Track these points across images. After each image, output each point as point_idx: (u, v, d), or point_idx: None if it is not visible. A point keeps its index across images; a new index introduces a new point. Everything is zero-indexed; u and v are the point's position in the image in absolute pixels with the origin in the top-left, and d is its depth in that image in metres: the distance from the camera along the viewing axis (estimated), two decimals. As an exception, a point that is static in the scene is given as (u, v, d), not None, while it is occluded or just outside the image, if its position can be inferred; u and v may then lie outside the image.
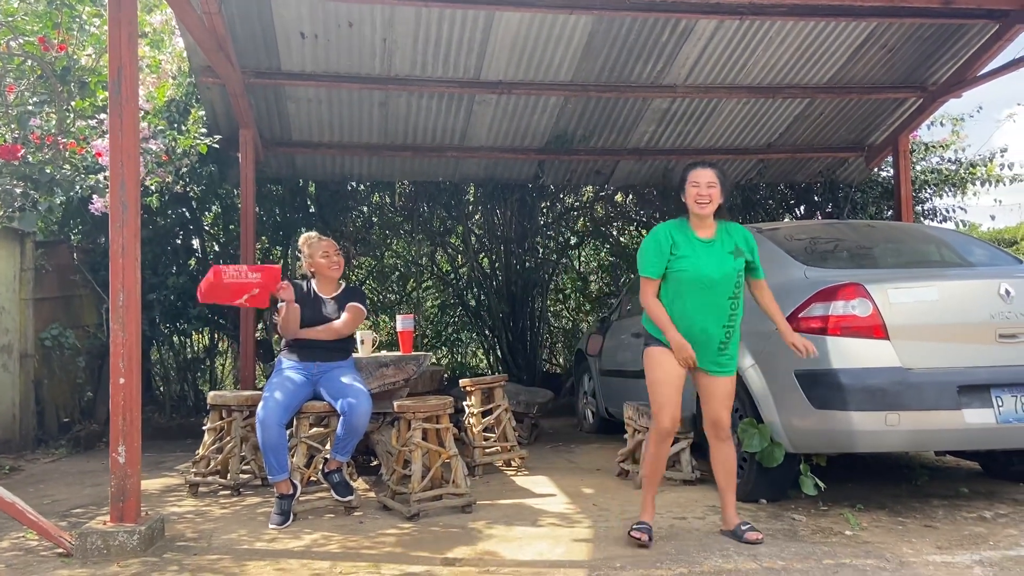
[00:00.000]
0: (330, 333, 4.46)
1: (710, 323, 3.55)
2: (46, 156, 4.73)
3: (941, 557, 3.29)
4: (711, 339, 3.56)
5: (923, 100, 7.73)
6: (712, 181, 3.56)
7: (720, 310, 3.55)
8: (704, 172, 3.59)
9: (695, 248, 3.57)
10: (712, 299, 3.53)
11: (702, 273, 3.52)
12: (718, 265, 3.54)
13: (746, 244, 3.64)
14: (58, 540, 3.57)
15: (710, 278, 3.51)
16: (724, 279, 3.53)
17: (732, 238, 3.63)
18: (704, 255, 3.55)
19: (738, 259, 3.58)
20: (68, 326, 7.22)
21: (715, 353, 3.59)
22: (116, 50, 3.67)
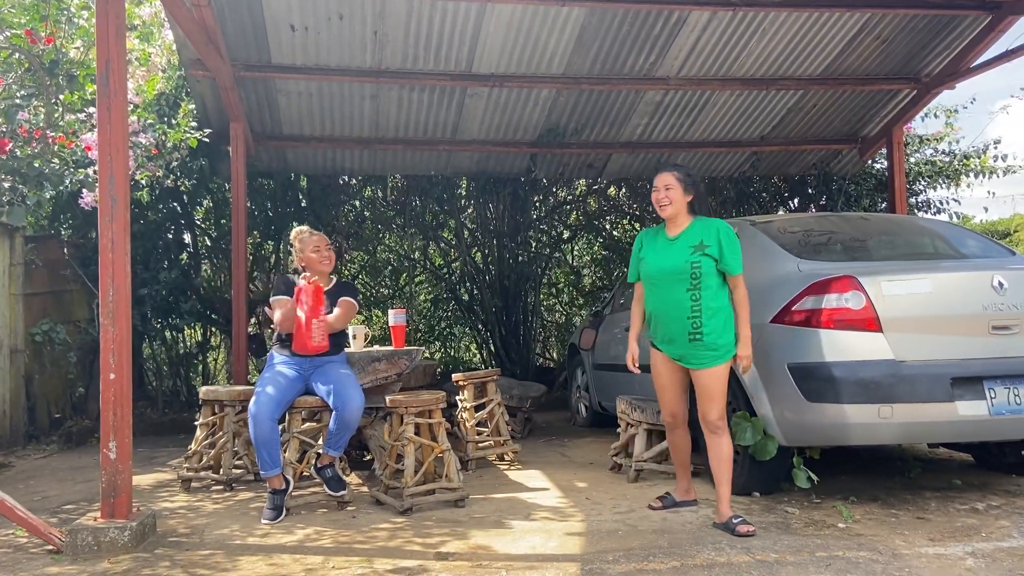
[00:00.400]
0: (324, 327, 4.43)
1: (672, 316, 3.72)
2: (35, 150, 4.67)
3: (934, 549, 3.30)
4: (679, 332, 3.71)
5: (917, 91, 7.73)
6: (669, 184, 3.74)
7: (679, 303, 3.68)
8: (663, 176, 3.78)
9: (659, 246, 3.81)
10: (669, 293, 3.71)
11: (655, 268, 3.76)
12: (671, 259, 3.71)
13: (715, 239, 3.68)
14: (48, 537, 3.55)
15: (662, 271, 3.72)
16: (677, 272, 3.68)
17: (700, 234, 3.72)
18: (663, 252, 3.76)
19: (696, 253, 3.66)
20: (59, 321, 7.18)
21: (687, 346, 3.69)
22: (104, 43, 3.63)
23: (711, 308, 3.65)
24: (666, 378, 3.88)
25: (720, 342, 3.66)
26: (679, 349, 3.74)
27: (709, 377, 3.69)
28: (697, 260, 3.65)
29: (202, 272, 8.53)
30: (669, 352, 3.80)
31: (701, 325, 3.65)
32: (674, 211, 3.75)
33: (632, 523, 3.81)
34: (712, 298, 3.66)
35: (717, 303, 3.67)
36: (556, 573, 3.09)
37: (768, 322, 4.12)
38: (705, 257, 3.66)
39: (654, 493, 4.40)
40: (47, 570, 3.30)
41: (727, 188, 9.48)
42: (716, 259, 3.67)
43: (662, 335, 3.80)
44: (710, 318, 3.65)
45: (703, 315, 3.65)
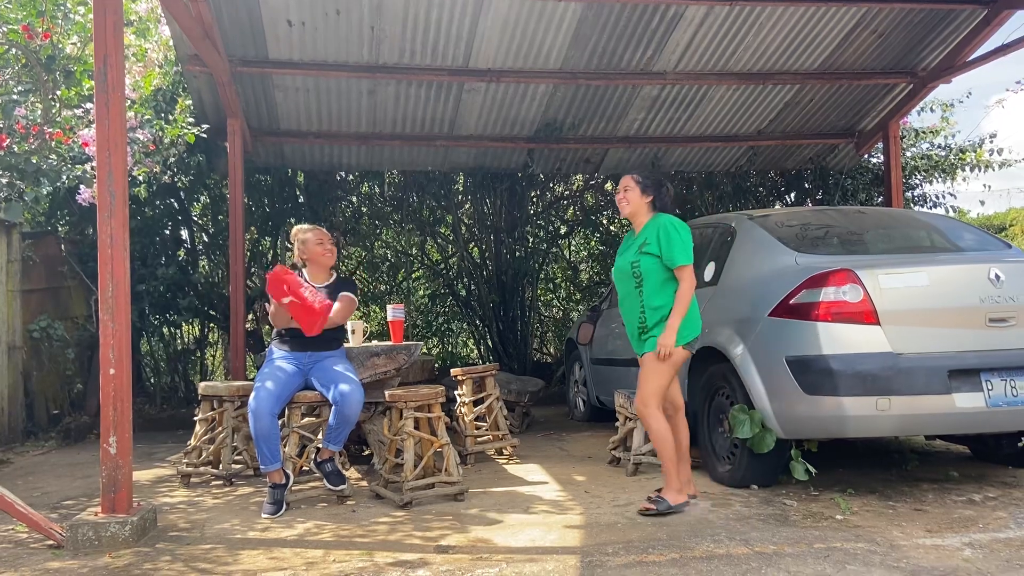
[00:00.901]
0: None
1: (626, 313, 3.96)
2: (32, 146, 4.67)
3: (931, 540, 3.32)
4: (632, 328, 3.94)
5: (913, 86, 7.75)
6: (627, 185, 3.94)
7: (631, 300, 3.90)
8: (623, 179, 3.99)
9: (623, 247, 4.03)
10: (622, 290, 3.96)
11: (615, 268, 4.03)
12: (622, 260, 3.94)
13: (654, 235, 3.81)
14: (48, 532, 3.55)
15: (616, 271, 3.99)
16: (625, 271, 3.90)
17: (647, 232, 3.87)
18: (622, 252, 4.00)
19: (639, 253, 3.82)
20: (57, 318, 7.17)
21: (638, 340, 3.92)
22: (101, 38, 3.62)
23: (653, 306, 3.80)
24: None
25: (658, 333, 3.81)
26: (634, 344, 3.97)
27: (643, 362, 3.87)
28: (637, 260, 3.83)
29: (200, 268, 8.53)
30: (632, 345, 4.02)
31: (646, 321, 3.83)
32: (632, 211, 3.93)
33: (631, 516, 3.83)
34: (654, 296, 3.80)
35: (659, 301, 3.80)
36: (556, 565, 3.10)
37: (766, 315, 4.13)
38: (645, 256, 3.80)
39: (653, 486, 4.42)
40: (48, 565, 3.31)
41: (724, 183, 9.49)
42: (658, 256, 3.78)
43: (627, 330, 4.03)
44: (653, 314, 3.80)
45: (647, 312, 3.82)
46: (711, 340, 4.54)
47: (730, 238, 4.88)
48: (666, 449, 3.83)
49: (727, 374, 4.38)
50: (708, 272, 4.94)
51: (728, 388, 4.39)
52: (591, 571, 3.02)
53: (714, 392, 4.58)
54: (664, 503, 3.77)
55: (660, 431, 3.83)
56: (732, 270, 4.71)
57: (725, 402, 4.44)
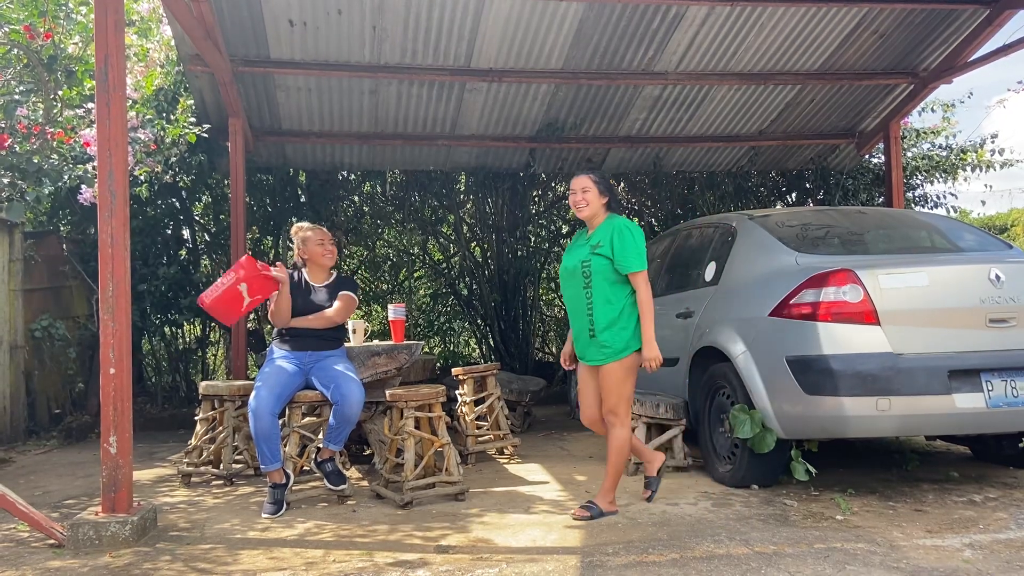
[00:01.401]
0: (322, 321, 4.45)
1: (573, 314, 3.86)
2: (33, 146, 4.68)
3: (931, 541, 3.32)
4: (580, 329, 3.83)
5: (914, 86, 7.74)
6: (586, 186, 3.81)
7: (578, 301, 3.80)
8: (579, 179, 3.85)
9: (574, 246, 3.92)
10: (570, 291, 3.85)
11: (562, 267, 3.92)
12: (572, 259, 3.84)
13: (607, 237, 3.73)
14: (49, 531, 3.56)
15: (563, 269, 3.89)
16: (573, 270, 3.80)
17: (601, 233, 3.78)
18: (572, 251, 3.89)
19: (590, 253, 3.74)
20: (58, 317, 7.18)
21: (587, 342, 3.80)
22: (102, 38, 3.63)
23: (602, 307, 3.71)
24: (583, 375, 3.96)
25: (611, 341, 3.72)
26: (581, 346, 3.86)
27: (604, 373, 3.77)
28: (588, 259, 3.74)
29: (201, 267, 8.53)
30: (576, 349, 3.93)
31: (595, 323, 3.74)
32: (591, 212, 3.83)
33: (631, 515, 3.83)
34: (603, 297, 3.71)
35: (609, 302, 3.71)
36: (556, 565, 3.10)
37: (766, 315, 4.14)
38: (596, 256, 3.72)
39: (653, 486, 4.42)
40: (49, 564, 3.31)
41: (725, 183, 9.49)
42: (610, 259, 3.70)
43: (573, 332, 3.92)
44: (602, 316, 3.71)
45: (595, 314, 3.73)
46: (712, 340, 4.55)
47: (731, 238, 4.88)
48: (624, 460, 3.83)
49: (728, 374, 4.38)
50: (709, 272, 4.94)
51: (729, 388, 4.40)
52: (591, 571, 3.02)
53: (714, 392, 4.58)
54: (597, 509, 3.78)
55: (626, 440, 3.80)
56: (733, 270, 4.71)
57: (726, 402, 4.44)
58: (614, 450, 3.80)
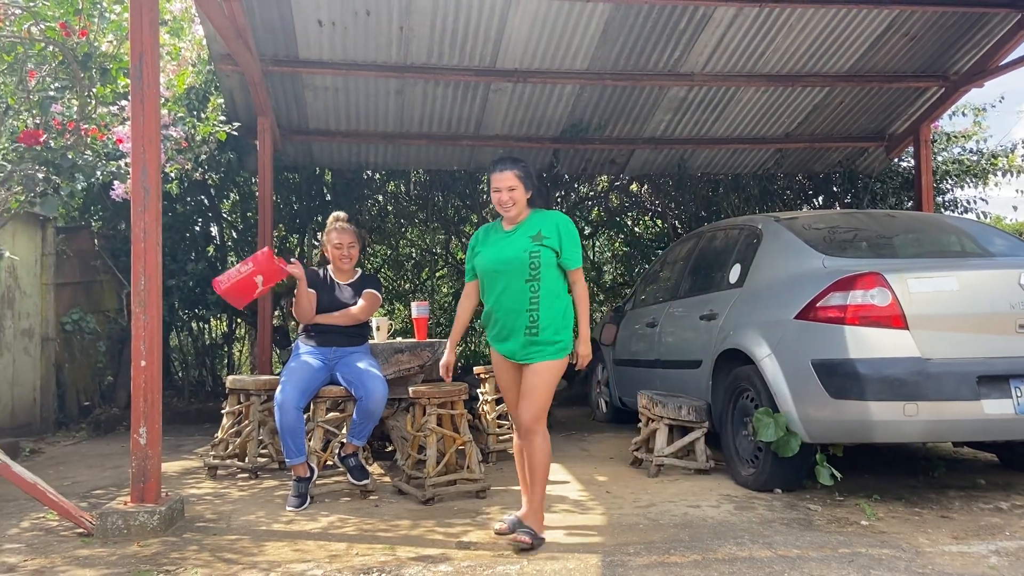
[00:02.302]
0: (347, 319, 4.49)
1: (511, 310, 3.46)
2: (68, 142, 4.75)
3: (957, 547, 3.28)
4: (517, 326, 3.45)
5: (945, 89, 7.66)
6: (512, 185, 3.49)
7: (518, 295, 3.44)
8: (503, 177, 3.50)
9: (494, 240, 3.58)
10: (507, 284, 3.46)
11: (492, 260, 3.52)
12: (509, 250, 3.48)
13: (554, 230, 3.47)
14: (79, 520, 3.62)
15: (499, 262, 3.49)
16: (514, 262, 3.45)
17: (538, 225, 3.50)
18: (499, 244, 3.54)
19: (535, 243, 3.44)
20: (89, 311, 7.31)
21: (523, 341, 3.44)
22: (137, 36, 3.69)
23: (549, 301, 3.43)
24: (507, 379, 3.60)
25: (557, 338, 3.43)
26: (514, 345, 3.47)
27: (538, 373, 3.42)
28: (536, 250, 3.43)
29: (228, 264, 8.63)
30: (503, 350, 3.53)
31: (539, 319, 3.42)
32: (518, 211, 3.53)
33: (653, 517, 3.82)
34: (550, 290, 3.44)
35: (556, 296, 3.46)
36: (577, 564, 3.11)
37: (792, 318, 4.11)
38: (544, 248, 3.43)
39: (675, 488, 4.42)
40: (78, 552, 3.37)
41: (751, 185, 9.44)
42: (556, 251, 3.45)
43: (499, 332, 3.53)
44: (548, 310, 3.43)
45: (541, 308, 3.42)
46: (736, 342, 4.53)
47: (756, 240, 4.86)
48: (547, 472, 3.49)
49: (752, 376, 4.36)
50: (733, 274, 4.93)
51: (752, 391, 4.38)
52: (613, 570, 3.03)
53: (738, 394, 4.56)
54: (536, 536, 3.37)
55: (547, 452, 3.46)
56: (758, 272, 4.69)
57: (749, 405, 4.42)
58: (540, 466, 3.44)
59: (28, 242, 6.66)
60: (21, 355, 6.54)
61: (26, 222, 6.56)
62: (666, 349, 5.68)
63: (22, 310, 6.57)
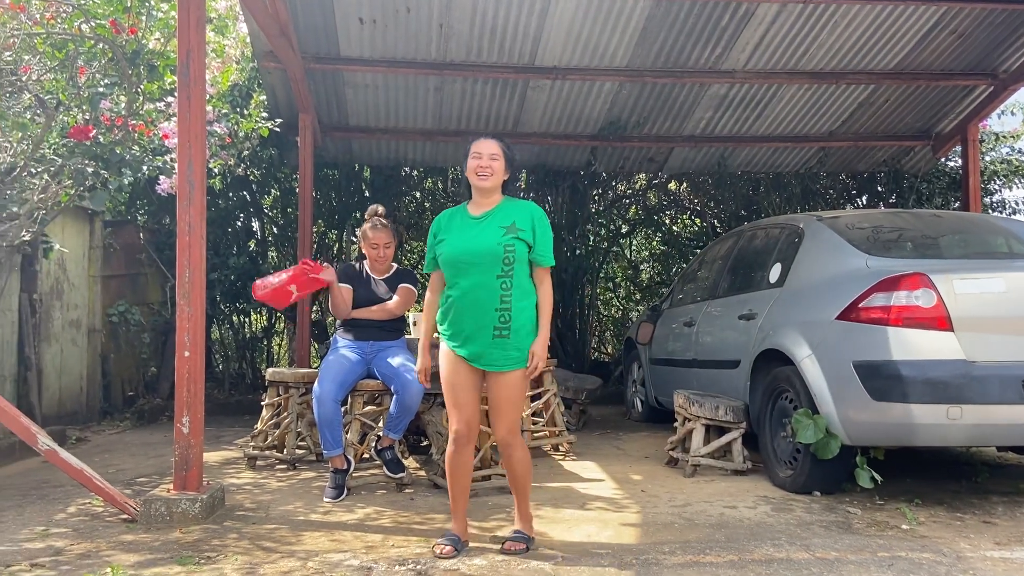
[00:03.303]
0: (383, 313, 4.53)
1: (478, 307, 3.13)
2: (116, 137, 4.87)
3: (1000, 553, 3.21)
4: (482, 325, 3.13)
5: (994, 88, 7.49)
6: (495, 153, 3.21)
7: (487, 291, 3.11)
8: (487, 143, 3.22)
9: (460, 226, 3.24)
10: (476, 279, 3.13)
11: (459, 250, 3.17)
12: (480, 238, 3.15)
13: (528, 222, 3.19)
14: (124, 506, 3.71)
15: (468, 253, 3.14)
16: (487, 254, 3.11)
17: (512, 214, 3.21)
18: (468, 232, 3.20)
19: (509, 235, 3.13)
20: (134, 303, 7.48)
21: (489, 343, 3.13)
22: (185, 34, 3.77)
23: (521, 300, 3.15)
24: (460, 379, 3.23)
25: (526, 343, 3.16)
26: (478, 347, 3.15)
27: (510, 383, 3.17)
28: (511, 243, 3.12)
29: (269, 259, 8.77)
30: (463, 352, 3.18)
31: (510, 319, 3.11)
32: (494, 184, 3.21)
33: (689, 516, 3.80)
34: (522, 288, 3.16)
35: (528, 294, 3.18)
36: (612, 561, 3.11)
37: (833, 319, 4.05)
38: (518, 241, 3.14)
39: (712, 489, 4.39)
40: (122, 538, 3.45)
41: (792, 184, 9.32)
42: (529, 245, 3.17)
43: (459, 330, 3.19)
44: (520, 312, 3.14)
45: (513, 307, 3.12)
46: (775, 342, 4.48)
47: (798, 239, 4.80)
48: (530, 480, 3.34)
49: (791, 377, 4.31)
50: (774, 274, 4.87)
51: (792, 391, 4.32)
52: (647, 569, 3.02)
53: (777, 395, 4.51)
54: (527, 537, 3.28)
55: (528, 460, 3.29)
56: (799, 272, 4.63)
57: (788, 406, 4.37)
58: (522, 475, 3.27)
59: (77, 235, 6.83)
60: (69, 345, 6.72)
61: (75, 216, 6.73)
62: (703, 349, 5.63)
63: (70, 301, 6.74)
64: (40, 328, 6.18)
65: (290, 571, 2.99)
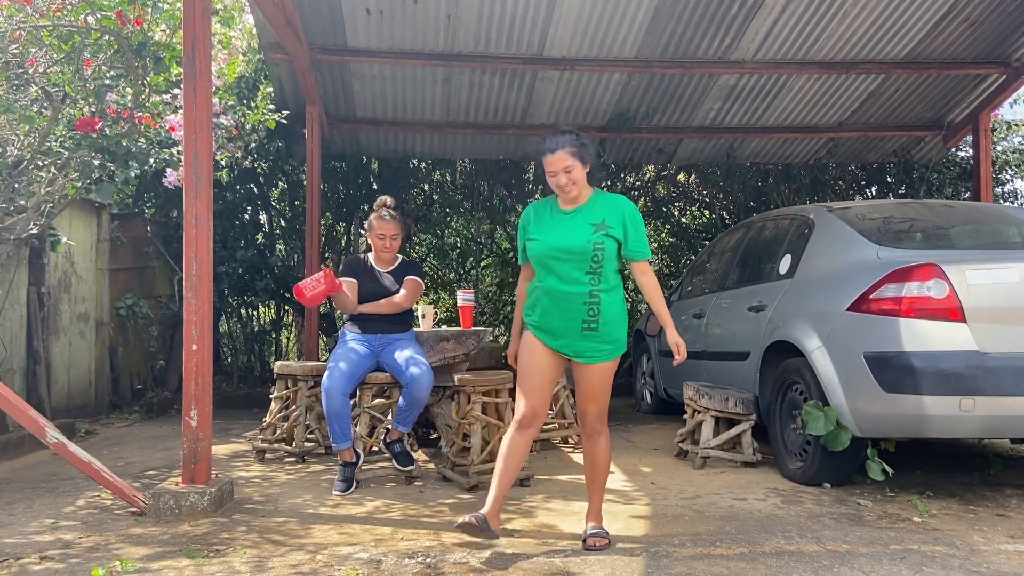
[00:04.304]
0: (391, 307, 4.51)
1: (567, 303, 3.18)
2: (122, 129, 4.85)
3: (1014, 546, 3.18)
4: (571, 320, 3.18)
5: (1006, 77, 7.40)
6: (568, 165, 3.15)
7: (576, 286, 3.16)
8: (557, 157, 3.15)
9: (551, 221, 3.26)
10: (565, 276, 3.17)
11: (549, 245, 3.20)
12: (570, 236, 3.17)
13: (619, 220, 3.19)
14: (132, 499, 3.71)
15: (558, 250, 3.17)
16: (577, 251, 3.14)
17: (602, 211, 3.21)
18: (557, 227, 3.23)
19: (599, 233, 3.15)
20: (141, 296, 7.49)
21: (579, 336, 3.19)
22: (190, 25, 3.75)
23: (610, 295, 3.19)
24: (538, 363, 3.26)
25: (615, 335, 3.22)
26: (568, 340, 3.22)
27: (600, 374, 3.23)
28: (600, 241, 3.14)
29: (277, 252, 8.77)
30: (553, 344, 3.25)
31: (599, 314, 3.16)
32: (579, 191, 3.21)
33: (699, 509, 3.78)
34: (610, 284, 3.19)
35: (615, 289, 3.22)
36: (622, 554, 3.09)
37: (844, 310, 4.02)
38: (608, 239, 3.16)
39: (721, 481, 4.37)
40: (131, 530, 3.46)
41: (802, 175, 9.25)
42: (619, 242, 3.19)
43: (547, 323, 3.24)
44: (609, 306, 3.18)
45: (602, 302, 3.17)
46: (785, 334, 4.45)
47: (808, 230, 4.76)
48: (608, 471, 3.36)
49: (801, 369, 4.28)
50: (784, 265, 4.83)
51: (802, 383, 4.29)
52: (658, 561, 3.00)
53: (787, 387, 4.48)
54: (608, 535, 3.25)
55: (610, 451, 3.33)
56: (809, 263, 4.60)
57: (798, 397, 4.34)
58: (604, 464, 3.30)
59: (84, 228, 6.84)
60: (77, 339, 6.73)
61: (82, 209, 6.73)
62: (713, 340, 5.60)
63: (78, 294, 6.75)
64: (48, 321, 6.19)
65: (299, 564, 2.98)
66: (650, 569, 2.91)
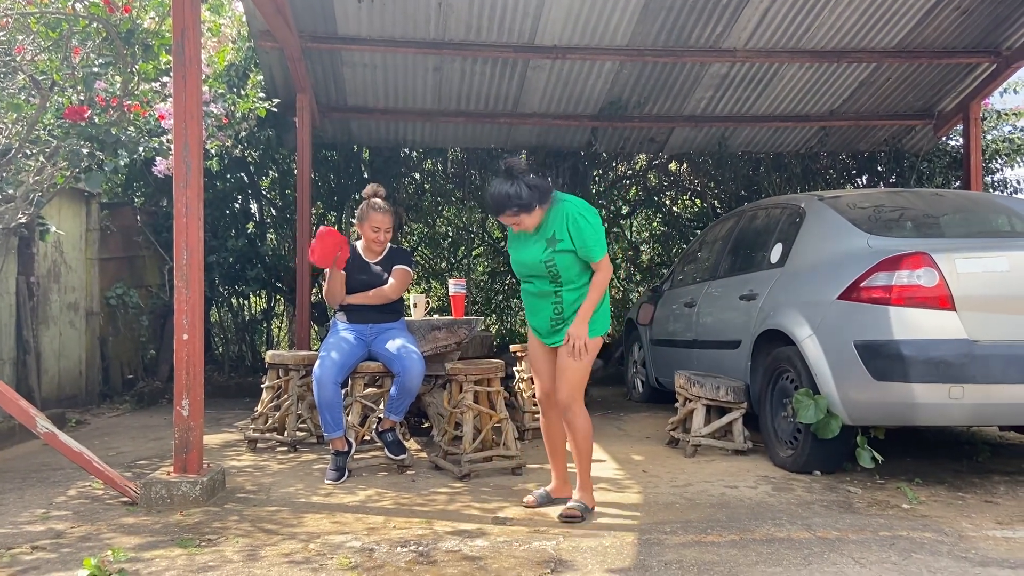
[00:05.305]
0: (380, 298, 4.50)
1: (538, 303, 3.56)
2: (111, 118, 4.82)
3: (1002, 532, 3.21)
4: (543, 318, 3.56)
5: (997, 65, 7.41)
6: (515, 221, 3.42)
7: (543, 291, 3.51)
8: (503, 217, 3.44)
9: (516, 237, 3.58)
10: (533, 286, 3.54)
11: (515, 261, 3.57)
12: (528, 253, 3.48)
13: (564, 229, 3.38)
14: (124, 489, 3.71)
15: (521, 264, 3.54)
16: (534, 269, 3.48)
17: (553, 223, 3.41)
18: (520, 244, 3.54)
19: (549, 249, 3.39)
20: (132, 286, 7.45)
21: (550, 332, 3.56)
22: (179, 12, 3.71)
23: (573, 294, 3.46)
24: (539, 355, 3.66)
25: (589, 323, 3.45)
26: (543, 332, 3.59)
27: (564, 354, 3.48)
28: (550, 258, 3.39)
29: (267, 241, 8.73)
30: (539, 338, 3.64)
31: (563, 310, 3.48)
32: (534, 224, 3.44)
33: (690, 496, 3.80)
34: (577, 286, 3.45)
35: (577, 288, 3.45)
36: (613, 541, 3.11)
37: (835, 299, 4.04)
38: (558, 254, 3.38)
39: (712, 469, 4.39)
40: (123, 520, 3.45)
41: (793, 164, 9.26)
42: (573, 251, 3.39)
43: (531, 321, 3.65)
44: (571, 304, 3.47)
45: (564, 302, 3.47)
46: (776, 322, 4.46)
47: (799, 219, 4.77)
48: (590, 447, 3.58)
49: (792, 357, 4.30)
50: (775, 254, 4.85)
51: (793, 372, 4.31)
52: (649, 548, 3.02)
53: (777, 375, 4.50)
54: (584, 506, 3.48)
55: (587, 427, 3.54)
56: (800, 252, 4.61)
57: (789, 386, 4.37)
58: (582, 443, 3.54)
59: (73, 217, 6.79)
60: (67, 328, 6.70)
61: (71, 198, 6.69)
62: (704, 329, 5.62)
63: (68, 284, 6.71)
64: (38, 311, 6.15)
65: (291, 553, 2.99)
66: (641, 556, 2.92)
